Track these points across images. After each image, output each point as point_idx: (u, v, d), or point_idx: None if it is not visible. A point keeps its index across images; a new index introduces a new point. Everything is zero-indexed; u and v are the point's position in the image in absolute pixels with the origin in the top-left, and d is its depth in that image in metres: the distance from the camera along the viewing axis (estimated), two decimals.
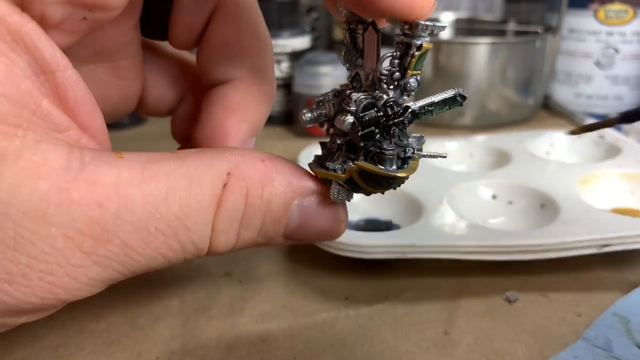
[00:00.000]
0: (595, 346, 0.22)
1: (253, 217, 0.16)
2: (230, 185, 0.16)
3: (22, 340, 0.23)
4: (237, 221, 0.16)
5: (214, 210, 0.16)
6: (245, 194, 0.16)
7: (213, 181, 0.16)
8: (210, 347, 0.22)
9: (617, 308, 0.24)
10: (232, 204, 0.16)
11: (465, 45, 0.50)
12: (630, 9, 0.52)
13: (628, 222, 0.27)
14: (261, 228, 0.17)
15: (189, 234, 0.16)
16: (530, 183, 0.32)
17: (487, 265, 0.27)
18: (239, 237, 0.17)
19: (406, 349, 0.22)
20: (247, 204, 0.16)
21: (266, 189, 0.16)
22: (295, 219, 0.17)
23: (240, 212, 0.16)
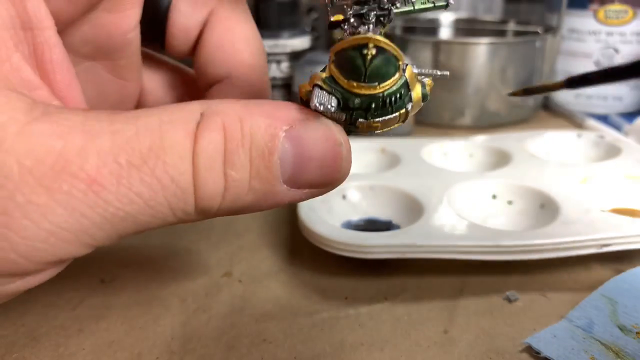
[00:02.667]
0: (577, 326, 0.22)
1: (237, 153, 0.15)
2: (204, 122, 0.14)
3: (23, 339, 0.23)
4: (219, 159, 0.14)
5: (190, 145, 0.14)
6: (222, 128, 0.14)
7: (185, 119, 0.14)
8: (211, 347, 0.22)
9: (606, 289, 0.24)
10: (209, 139, 0.14)
11: (465, 46, 0.50)
12: (630, 9, 0.52)
13: (628, 222, 0.27)
14: (251, 167, 0.15)
15: (166, 167, 0.14)
16: (530, 183, 0.32)
17: (487, 265, 0.27)
18: (228, 179, 0.15)
19: (406, 348, 0.22)
20: (226, 138, 0.14)
21: (245, 122, 0.15)
22: (288, 153, 0.15)
23: (221, 147, 0.14)
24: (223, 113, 0.15)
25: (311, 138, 0.15)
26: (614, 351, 0.21)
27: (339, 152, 0.16)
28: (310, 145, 0.15)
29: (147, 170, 0.14)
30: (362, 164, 0.38)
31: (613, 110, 0.55)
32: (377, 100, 0.15)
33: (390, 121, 0.16)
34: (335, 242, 0.26)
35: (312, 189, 0.16)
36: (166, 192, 0.14)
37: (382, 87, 0.15)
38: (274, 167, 0.15)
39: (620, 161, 0.35)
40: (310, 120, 0.15)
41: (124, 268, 0.28)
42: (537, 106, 0.55)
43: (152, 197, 0.14)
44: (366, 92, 0.15)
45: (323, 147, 0.15)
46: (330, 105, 0.15)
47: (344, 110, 0.15)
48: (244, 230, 0.32)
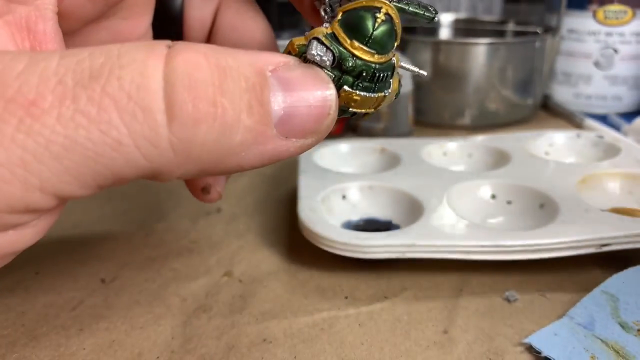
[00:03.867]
0: (578, 324, 0.22)
1: (226, 79, 0.13)
2: (178, 47, 0.13)
3: (23, 339, 0.23)
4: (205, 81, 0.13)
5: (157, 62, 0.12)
6: (204, 55, 0.13)
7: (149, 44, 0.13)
8: (211, 346, 0.22)
9: (607, 286, 0.24)
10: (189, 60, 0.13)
11: (464, 46, 0.50)
12: (629, 10, 0.52)
13: (627, 222, 0.27)
14: (242, 98, 0.13)
15: (122, 82, 0.12)
16: (529, 183, 0.32)
17: (486, 265, 0.27)
18: (217, 106, 0.13)
19: (406, 348, 0.22)
20: (211, 63, 0.13)
21: (230, 55, 0.13)
22: (277, 92, 0.14)
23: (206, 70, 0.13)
24: (203, 46, 0.13)
25: (299, 78, 0.14)
26: (615, 349, 0.21)
27: (327, 92, 0.15)
28: (298, 85, 0.14)
29: (96, 87, 0.12)
30: (362, 164, 0.38)
31: (612, 110, 0.55)
32: (369, 70, 0.15)
33: (367, 101, 0.16)
34: (335, 242, 0.26)
35: (301, 138, 0.15)
36: (122, 112, 0.12)
37: (378, 58, 0.15)
38: (266, 102, 0.14)
39: (619, 161, 0.35)
40: (295, 65, 0.15)
41: (124, 268, 0.28)
42: (536, 106, 0.55)
43: (103, 119, 0.12)
44: (363, 57, 0.15)
45: (312, 87, 0.14)
46: (325, 58, 0.15)
47: (334, 70, 0.15)
48: (245, 230, 0.32)
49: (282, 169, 0.42)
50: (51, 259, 0.29)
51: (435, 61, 0.51)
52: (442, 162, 0.38)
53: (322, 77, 0.15)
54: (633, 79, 0.55)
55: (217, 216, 0.34)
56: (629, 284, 0.24)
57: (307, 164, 0.35)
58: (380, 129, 0.48)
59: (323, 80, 0.15)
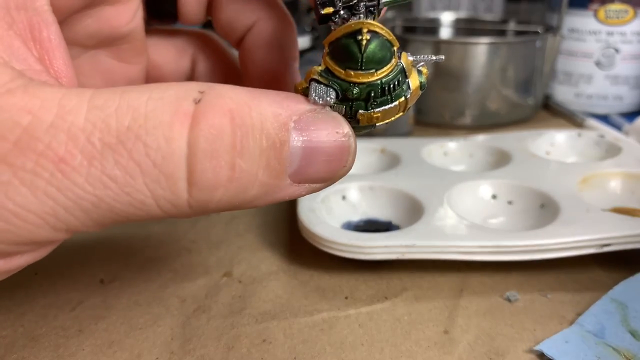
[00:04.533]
0: (588, 332, 0.22)
1: (246, 141, 0.13)
2: (206, 103, 0.13)
3: (22, 340, 0.23)
4: (225, 147, 0.13)
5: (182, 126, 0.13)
6: (229, 111, 0.13)
7: (178, 97, 0.13)
8: (210, 347, 0.22)
9: (615, 293, 0.24)
10: (213, 122, 0.13)
11: (465, 45, 0.50)
12: (630, 9, 0.52)
13: (628, 222, 0.27)
14: (261, 157, 0.13)
15: (147, 150, 0.12)
16: (530, 183, 0.32)
17: (487, 265, 0.27)
18: (235, 169, 0.13)
19: (406, 348, 0.22)
20: (235, 123, 0.13)
21: (254, 109, 0.13)
22: (297, 145, 0.14)
23: (228, 132, 0.13)
24: (228, 96, 0.13)
25: (321, 130, 0.14)
26: (626, 357, 0.21)
27: (346, 144, 0.15)
28: (319, 137, 0.14)
29: (123, 151, 0.12)
30: (362, 164, 0.38)
31: (613, 110, 0.55)
32: (376, 88, 0.15)
33: (390, 111, 0.16)
34: (335, 243, 0.26)
35: (314, 183, 0.15)
36: (147, 178, 0.13)
37: (380, 73, 0.15)
38: (285, 158, 0.14)
39: (620, 160, 0.35)
40: (318, 112, 0.15)
41: (124, 268, 0.28)
42: (537, 106, 0.55)
43: (129, 183, 0.13)
44: (364, 80, 0.15)
45: (333, 139, 0.14)
46: (329, 98, 0.15)
47: (343, 102, 0.15)
48: (244, 230, 0.32)
49: None
50: (50, 259, 0.29)
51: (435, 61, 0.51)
52: (442, 162, 0.38)
53: (343, 130, 0.15)
54: (634, 79, 0.55)
55: (217, 216, 0.34)
56: (637, 291, 0.24)
57: None
58: (380, 129, 0.48)
59: (344, 134, 0.15)
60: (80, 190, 0.13)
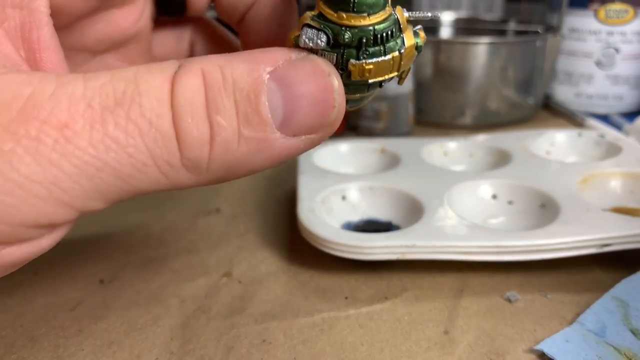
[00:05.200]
0: (589, 331, 0.22)
1: (219, 98, 0.14)
2: (182, 69, 0.14)
3: (21, 340, 0.23)
4: (200, 104, 0.14)
5: (168, 90, 0.13)
6: (201, 73, 0.14)
7: (162, 68, 0.14)
8: (210, 348, 0.22)
9: (617, 291, 0.24)
10: (187, 83, 0.14)
11: (465, 45, 0.50)
12: (630, 9, 0.52)
13: (628, 221, 0.27)
14: (237, 112, 0.14)
15: (143, 110, 0.13)
16: (530, 183, 0.32)
17: (487, 265, 0.27)
18: (213, 125, 0.14)
19: (406, 348, 0.22)
20: (206, 83, 0.14)
21: (226, 69, 0.14)
22: (275, 94, 0.14)
23: (201, 91, 0.14)
24: (201, 61, 0.14)
25: (297, 74, 0.14)
26: (627, 356, 0.21)
27: (328, 83, 0.14)
28: (297, 82, 0.14)
29: (121, 113, 0.13)
30: (362, 164, 0.38)
31: (614, 110, 0.55)
32: (368, 34, 0.15)
33: (383, 66, 0.15)
34: (335, 244, 0.26)
35: (309, 134, 0.15)
36: (145, 138, 0.13)
37: (372, 18, 0.15)
38: (262, 109, 0.14)
39: (620, 160, 0.35)
40: (294, 59, 0.15)
41: (123, 268, 0.28)
42: (537, 106, 0.55)
43: (130, 143, 0.13)
44: (356, 23, 0.15)
45: (311, 81, 0.14)
46: (319, 41, 0.15)
47: (334, 48, 0.15)
48: (244, 230, 0.32)
49: (282, 170, 0.42)
50: (50, 259, 0.29)
51: (436, 60, 0.51)
52: (442, 162, 0.38)
53: (321, 70, 0.15)
54: (634, 79, 0.55)
55: (217, 216, 0.34)
56: (638, 290, 0.24)
57: (306, 165, 0.35)
58: (381, 128, 0.48)
59: (323, 73, 0.14)
60: (84, 154, 0.13)
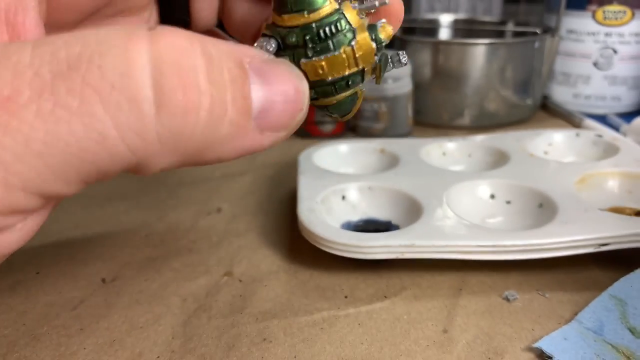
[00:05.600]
0: (587, 329, 0.22)
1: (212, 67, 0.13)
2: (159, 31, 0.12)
3: (24, 339, 0.23)
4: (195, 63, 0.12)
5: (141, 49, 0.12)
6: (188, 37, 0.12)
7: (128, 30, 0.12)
8: (211, 346, 0.22)
9: (615, 289, 0.24)
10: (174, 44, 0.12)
11: (464, 46, 0.50)
12: (628, 10, 0.52)
13: (626, 221, 0.27)
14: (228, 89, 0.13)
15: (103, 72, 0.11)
16: (528, 183, 0.32)
17: (485, 265, 0.27)
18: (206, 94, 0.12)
19: (406, 347, 0.22)
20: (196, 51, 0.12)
21: (210, 43, 0.13)
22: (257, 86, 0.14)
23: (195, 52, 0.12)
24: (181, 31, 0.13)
25: (276, 72, 0.14)
26: (625, 355, 0.21)
27: (300, 85, 0.15)
28: (276, 80, 0.14)
29: (75, 77, 0.11)
30: (362, 164, 0.38)
31: (611, 110, 0.55)
32: (311, 31, 0.15)
33: (336, 62, 0.15)
34: (335, 243, 0.26)
35: (276, 132, 0.15)
36: (106, 104, 0.11)
37: (312, 15, 0.15)
38: (248, 97, 0.13)
39: (618, 160, 0.35)
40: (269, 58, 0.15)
41: (125, 268, 0.28)
42: (535, 106, 0.55)
43: (86, 111, 0.11)
44: (297, 23, 0.15)
45: (287, 81, 0.14)
46: (269, 47, 0.15)
47: (286, 51, 0.15)
48: (245, 230, 0.33)
49: (282, 170, 0.42)
50: (52, 259, 0.29)
51: (434, 62, 0.51)
52: (441, 162, 0.38)
53: (295, 72, 0.15)
54: (632, 79, 0.55)
55: (218, 216, 0.34)
56: (636, 288, 0.24)
57: (307, 165, 0.35)
58: (380, 129, 0.48)
59: (297, 75, 0.15)
60: (31, 129, 0.11)
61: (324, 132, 0.49)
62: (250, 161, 0.44)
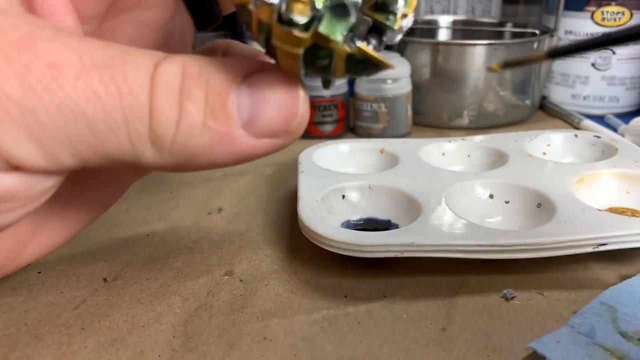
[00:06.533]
0: (579, 333, 0.22)
1: (193, 87, 0.15)
2: (167, 58, 0.15)
3: (25, 338, 0.23)
4: (176, 88, 0.15)
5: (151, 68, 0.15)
6: (182, 65, 0.15)
7: (150, 52, 0.15)
8: (212, 345, 0.23)
9: (605, 297, 0.24)
10: (169, 69, 0.15)
11: (463, 47, 0.50)
12: (626, 11, 0.52)
13: (624, 221, 0.27)
14: (206, 103, 0.15)
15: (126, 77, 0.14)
16: (527, 183, 0.32)
17: (484, 264, 0.27)
18: (183, 108, 0.15)
19: (405, 345, 0.22)
20: (185, 73, 0.15)
21: (205, 66, 0.15)
22: (245, 95, 0.15)
23: (179, 78, 0.15)
24: (185, 59, 0.15)
25: (268, 81, 0.15)
26: (617, 357, 0.21)
27: (294, 92, 0.16)
28: (266, 87, 0.15)
29: (107, 73, 0.14)
30: (361, 164, 0.38)
31: (609, 111, 0.56)
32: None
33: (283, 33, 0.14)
34: (335, 242, 0.26)
35: (272, 137, 0.16)
36: (123, 101, 0.14)
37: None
38: (229, 106, 0.15)
39: (616, 161, 0.35)
40: (273, 73, 0.16)
41: (126, 267, 0.29)
42: (534, 107, 0.55)
43: (109, 101, 0.14)
44: None
45: (279, 88, 0.15)
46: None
47: None
48: (245, 229, 0.33)
49: (282, 170, 0.42)
50: (54, 258, 0.29)
51: (433, 62, 0.51)
52: (440, 162, 0.38)
53: (290, 79, 0.16)
54: (630, 80, 0.55)
55: (218, 216, 0.35)
56: (626, 296, 0.24)
57: (307, 164, 0.35)
58: (379, 129, 0.49)
59: (291, 82, 0.16)
60: (66, 97, 0.14)
61: (324, 132, 0.50)
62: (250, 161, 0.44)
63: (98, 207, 0.24)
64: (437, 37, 0.64)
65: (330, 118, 0.49)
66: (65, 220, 0.23)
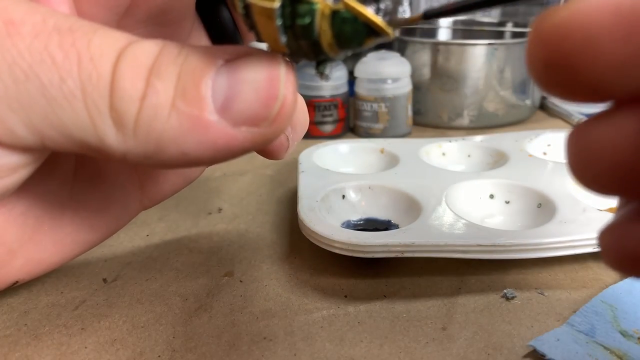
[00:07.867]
0: (579, 331, 0.22)
1: (165, 65, 0.13)
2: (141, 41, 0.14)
3: (25, 338, 0.23)
4: (146, 64, 0.13)
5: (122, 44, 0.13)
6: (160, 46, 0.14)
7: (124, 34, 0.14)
8: (212, 345, 0.23)
9: (605, 295, 0.24)
10: (144, 45, 0.14)
11: (463, 47, 0.50)
12: None
13: None
14: (177, 82, 0.13)
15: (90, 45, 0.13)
16: (527, 183, 0.32)
17: (484, 264, 0.27)
18: (148, 85, 0.13)
19: (405, 344, 0.22)
20: (162, 51, 0.14)
21: (187, 48, 0.14)
22: (222, 77, 0.14)
23: (152, 55, 0.13)
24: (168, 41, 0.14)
25: (248, 62, 0.14)
26: (617, 355, 0.21)
27: (275, 73, 0.14)
28: (244, 68, 0.14)
29: (69, 38, 0.13)
30: (361, 164, 0.38)
31: None
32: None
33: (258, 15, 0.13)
34: (335, 242, 0.26)
35: (249, 125, 0.14)
36: (82, 69, 0.13)
37: None
38: (202, 85, 0.13)
39: None
40: (256, 56, 0.14)
41: (126, 267, 0.29)
42: (534, 107, 0.55)
43: (65, 67, 0.13)
44: None
45: (258, 68, 0.14)
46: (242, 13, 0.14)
47: None
48: (245, 229, 0.33)
49: (282, 170, 0.42)
50: None
51: (434, 62, 0.51)
52: (441, 162, 0.38)
53: (270, 59, 0.14)
54: None
55: (218, 216, 0.35)
56: (626, 295, 0.24)
57: (307, 164, 0.35)
58: (379, 129, 0.49)
59: (272, 62, 0.14)
60: (18, 55, 0.13)
61: (324, 132, 0.50)
62: (250, 161, 0.44)
63: (97, 228, 0.22)
64: (437, 37, 0.64)
65: (331, 118, 0.49)
66: (59, 235, 0.21)
